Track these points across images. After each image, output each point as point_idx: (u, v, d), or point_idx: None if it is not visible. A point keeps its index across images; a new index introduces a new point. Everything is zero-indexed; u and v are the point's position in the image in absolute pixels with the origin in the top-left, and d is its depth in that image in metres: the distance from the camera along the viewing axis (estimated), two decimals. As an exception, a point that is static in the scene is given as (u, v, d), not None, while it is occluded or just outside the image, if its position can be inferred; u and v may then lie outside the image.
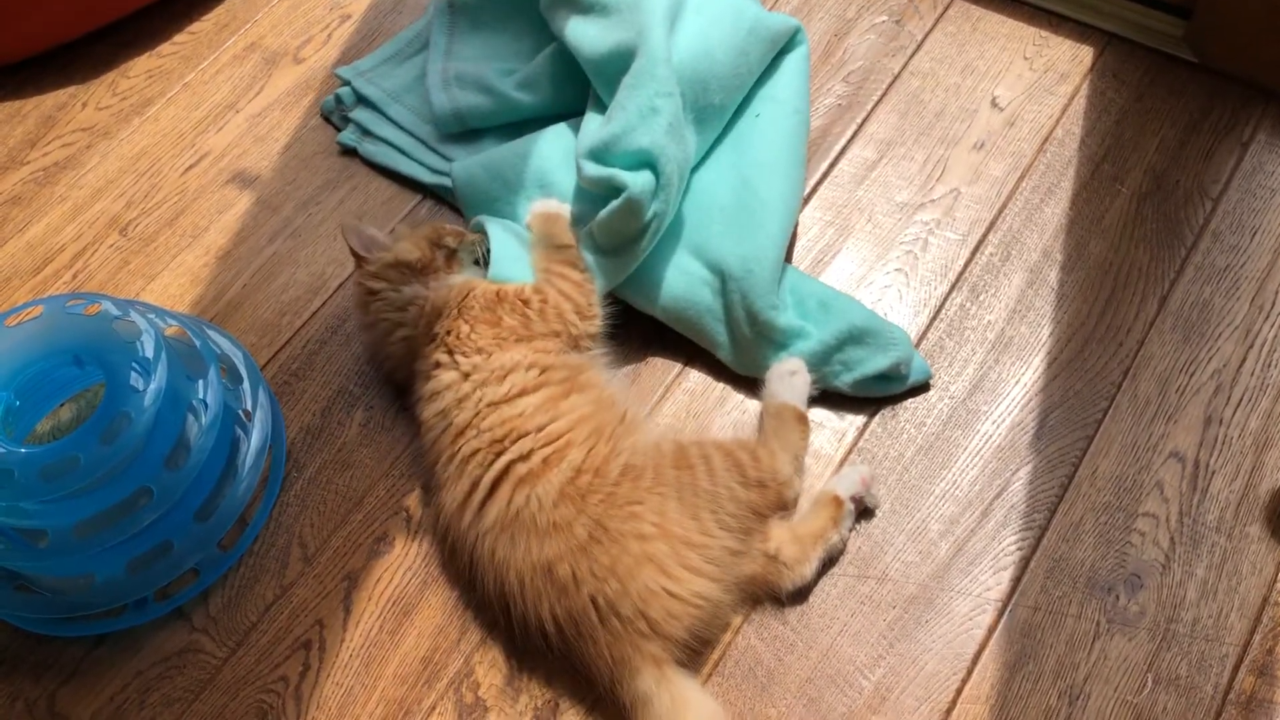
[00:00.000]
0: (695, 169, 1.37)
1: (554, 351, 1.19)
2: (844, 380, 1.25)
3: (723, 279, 1.27)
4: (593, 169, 1.25)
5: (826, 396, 1.26)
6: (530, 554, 1.08)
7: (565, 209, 1.29)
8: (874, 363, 1.24)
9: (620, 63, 1.32)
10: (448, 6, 1.58)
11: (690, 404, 1.28)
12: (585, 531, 1.07)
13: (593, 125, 1.32)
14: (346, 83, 1.57)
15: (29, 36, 1.66)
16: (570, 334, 1.21)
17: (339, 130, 1.56)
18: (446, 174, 1.43)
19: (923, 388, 1.27)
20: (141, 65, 1.68)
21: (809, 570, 1.14)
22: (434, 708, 1.13)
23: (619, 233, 1.24)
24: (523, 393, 1.15)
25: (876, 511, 1.19)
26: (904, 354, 1.24)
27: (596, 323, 1.24)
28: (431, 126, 1.50)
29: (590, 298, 1.24)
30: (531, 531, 1.09)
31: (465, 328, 1.19)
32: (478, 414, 1.14)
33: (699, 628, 1.08)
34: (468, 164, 1.39)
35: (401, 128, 1.52)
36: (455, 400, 1.16)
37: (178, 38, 1.71)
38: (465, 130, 1.48)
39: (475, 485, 1.12)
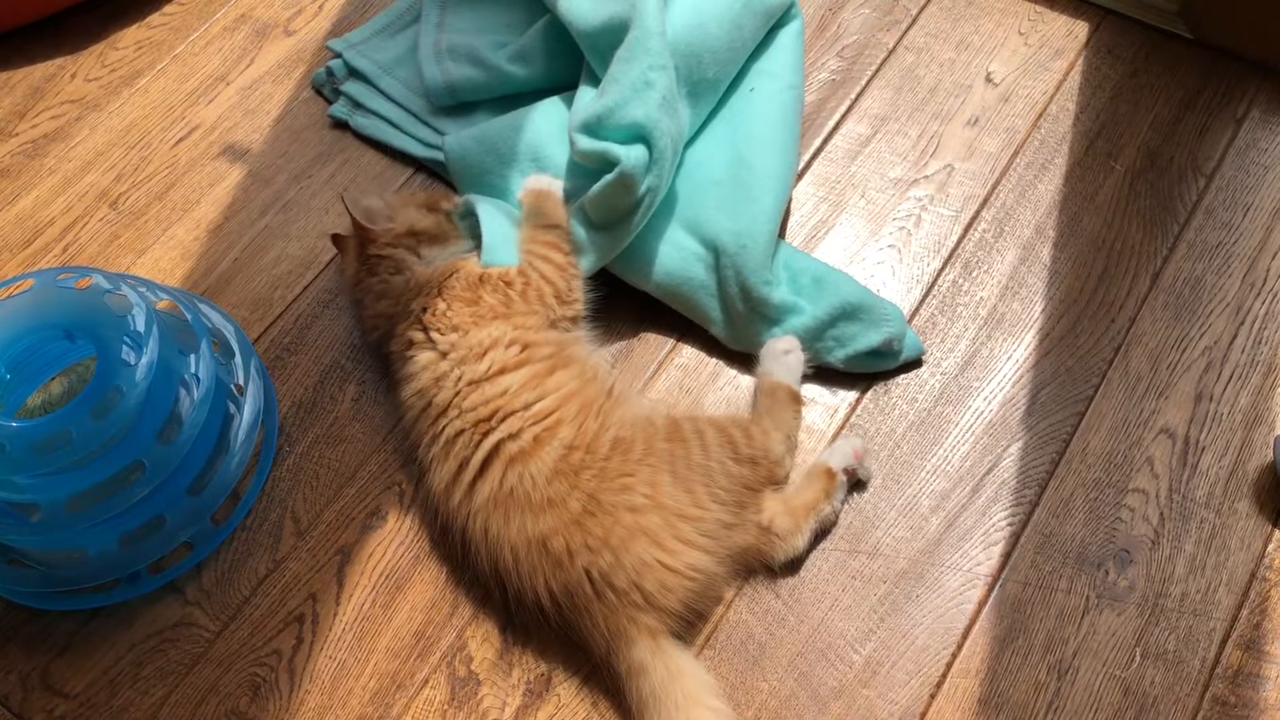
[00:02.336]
0: (689, 144, 1.37)
1: (534, 328, 1.19)
2: (837, 356, 1.25)
3: (716, 254, 1.26)
4: (585, 143, 1.24)
5: (819, 372, 1.26)
6: (524, 529, 1.09)
7: (558, 185, 1.29)
8: (867, 339, 1.24)
9: (614, 36, 1.31)
10: None
11: (683, 380, 1.28)
12: (579, 505, 1.08)
13: (586, 98, 1.31)
14: (338, 55, 1.56)
15: (16, 6, 1.64)
16: (549, 316, 1.21)
17: (330, 103, 1.55)
18: (439, 148, 1.43)
19: (915, 364, 1.27)
20: (131, 36, 1.67)
21: (801, 541, 1.14)
22: (427, 681, 1.14)
23: (612, 207, 1.24)
24: (503, 370, 1.15)
25: (868, 485, 1.20)
26: (897, 330, 1.24)
27: (577, 308, 1.24)
28: (424, 100, 1.49)
29: (572, 283, 1.23)
30: (525, 508, 1.09)
31: (442, 305, 1.19)
32: (458, 393, 1.14)
33: (693, 599, 1.09)
34: (460, 137, 1.39)
35: (393, 101, 1.51)
36: (433, 380, 1.16)
37: (167, 9, 1.69)
38: (458, 103, 1.47)
39: (464, 465, 1.12)
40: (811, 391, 1.26)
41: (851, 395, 1.26)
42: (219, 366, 1.21)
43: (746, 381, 1.27)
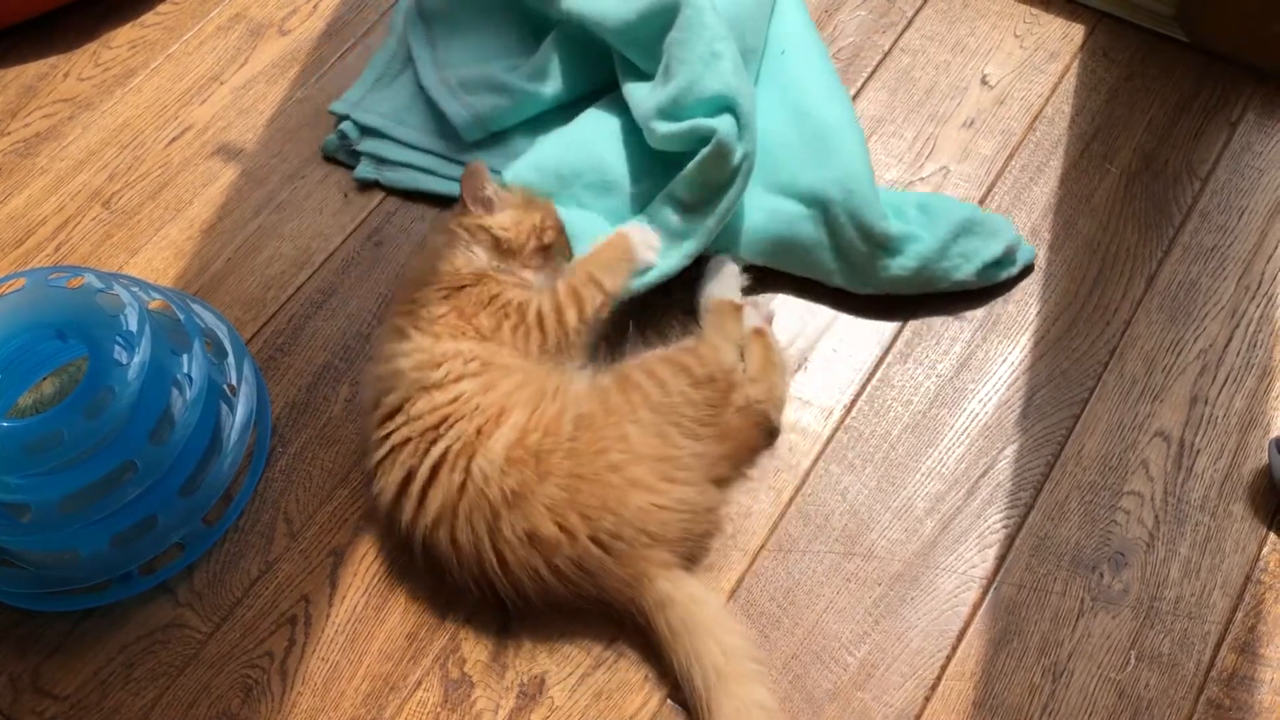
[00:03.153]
0: None
1: (503, 355, 1.18)
2: (966, 272, 1.27)
3: (824, 207, 1.27)
4: (667, 127, 1.24)
5: (812, 371, 1.26)
6: (501, 532, 1.08)
7: (646, 246, 1.25)
8: (990, 249, 1.27)
9: (654, 24, 1.30)
10: (418, 17, 1.52)
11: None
12: (560, 490, 1.08)
13: (642, 92, 1.30)
14: (345, 117, 1.50)
15: (9, 5, 1.63)
16: (525, 354, 1.19)
17: (350, 167, 1.49)
18: None
19: (1029, 270, 1.31)
20: (124, 35, 1.66)
21: (783, 390, 1.23)
22: (420, 683, 1.13)
23: (709, 182, 1.23)
24: (459, 379, 1.14)
25: (863, 489, 1.20)
26: (1014, 237, 1.29)
27: (562, 356, 1.20)
28: (445, 140, 1.45)
29: (564, 342, 1.19)
30: (487, 507, 1.09)
31: (441, 309, 1.18)
32: (408, 398, 1.14)
33: (692, 528, 1.12)
34: (517, 169, 1.34)
35: (416, 148, 1.46)
36: (391, 373, 1.15)
37: (161, 8, 1.69)
38: (487, 134, 1.43)
39: (411, 475, 1.12)
40: (806, 393, 1.26)
41: (846, 397, 1.26)
42: (212, 367, 1.20)
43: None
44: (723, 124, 1.21)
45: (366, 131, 1.49)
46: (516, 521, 1.08)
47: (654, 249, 1.25)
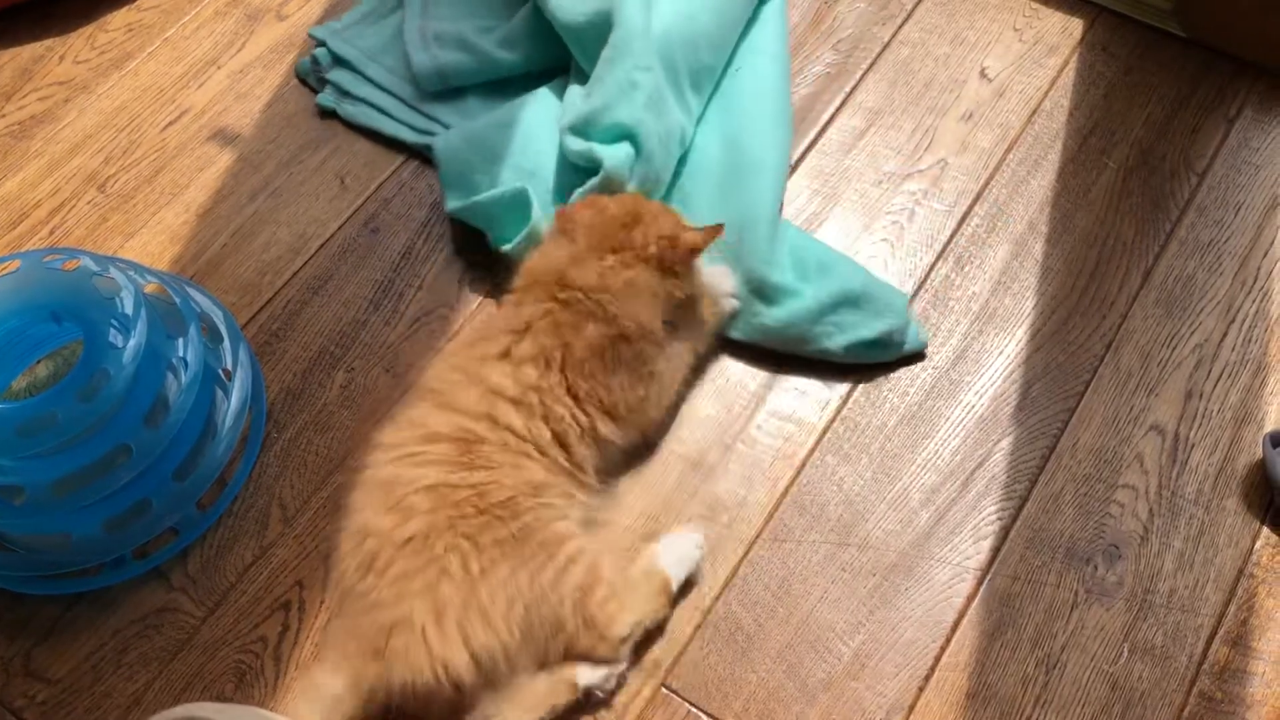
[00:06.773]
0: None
1: None
2: (835, 342, 1.24)
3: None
4: (574, 143, 1.27)
5: (810, 363, 1.26)
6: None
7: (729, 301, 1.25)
8: (867, 328, 1.23)
9: (597, 31, 1.33)
10: None
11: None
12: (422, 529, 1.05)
13: (574, 98, 1.33)
14: (322, 43, 1.54)
15: (5, -13, 1.63)
16: None
17: (315, 92, 1.54)
18: (431, 133, 1.43)
19: (916, 356, 1.27)
20: (121, 19, 1.65)
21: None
22: (414, 669, 1.13)
23: None
24: None
25: (858, 479, 1.20)
26: (898, 322, 1.24)
27: None
28: (412, 86, 1.48)
29: None
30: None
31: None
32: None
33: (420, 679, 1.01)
34: (449, 137, 1.38)
35: (381, 88, 1.50)
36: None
37: (158, -9, 1.68)
38: (447, 88, 1.46)
39: None
40: (802, 384, 1.26)
41: (843, 388, 1.26)
42: (207, 351, 1.20)
43: (737, 370, 1.27)
44: (617, 154, 1.24)
45: (339, 61, 1.53)
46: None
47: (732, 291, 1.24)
